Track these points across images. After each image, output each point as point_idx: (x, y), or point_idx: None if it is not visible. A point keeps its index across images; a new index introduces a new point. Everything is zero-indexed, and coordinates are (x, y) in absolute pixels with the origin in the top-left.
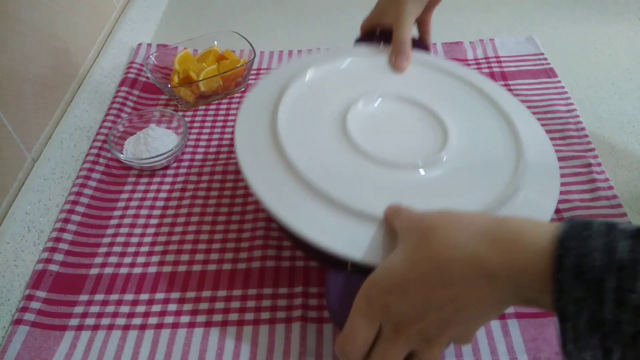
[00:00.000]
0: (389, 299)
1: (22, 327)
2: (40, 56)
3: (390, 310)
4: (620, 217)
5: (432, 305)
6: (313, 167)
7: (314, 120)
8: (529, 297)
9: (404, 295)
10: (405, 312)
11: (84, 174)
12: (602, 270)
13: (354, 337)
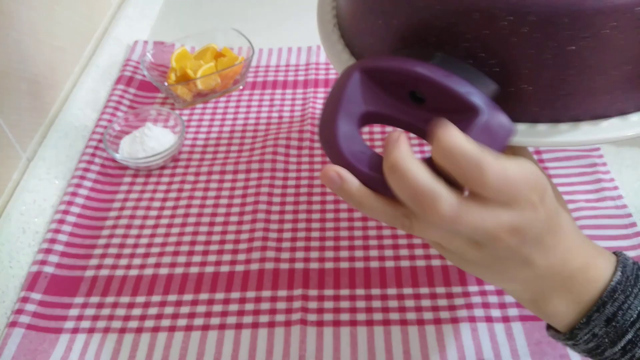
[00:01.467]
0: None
1: (17, 329)
2: (36, 54)
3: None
4: (626, 218)
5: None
6: None
7: None
8: (549, 299)
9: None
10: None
11: (79, 174)
12: (629, 326)
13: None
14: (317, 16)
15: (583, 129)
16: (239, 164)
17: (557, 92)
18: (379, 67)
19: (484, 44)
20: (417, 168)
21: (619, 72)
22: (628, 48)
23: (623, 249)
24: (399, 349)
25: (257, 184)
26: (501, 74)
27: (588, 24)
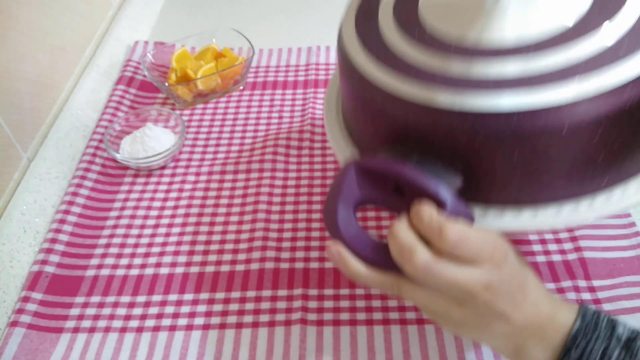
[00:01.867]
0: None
1: (18, 329)
2: (36, 54)
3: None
4: (625, 218)
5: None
6: None
7: None
8: (527, 348)
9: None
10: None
11: (80, 174)
12: None
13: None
14: (324, 106)
15: (524, 217)
16: (239, 164)
17: (508, 186)
18: (370, 166)
19: (448, 150)
20: (404, 231)
21: (556, 171)
22: (564, 155)
23: (622, 249)
24: (399, 349)
25: (257, 183)
26: (464, 172)
27: (525, 141)
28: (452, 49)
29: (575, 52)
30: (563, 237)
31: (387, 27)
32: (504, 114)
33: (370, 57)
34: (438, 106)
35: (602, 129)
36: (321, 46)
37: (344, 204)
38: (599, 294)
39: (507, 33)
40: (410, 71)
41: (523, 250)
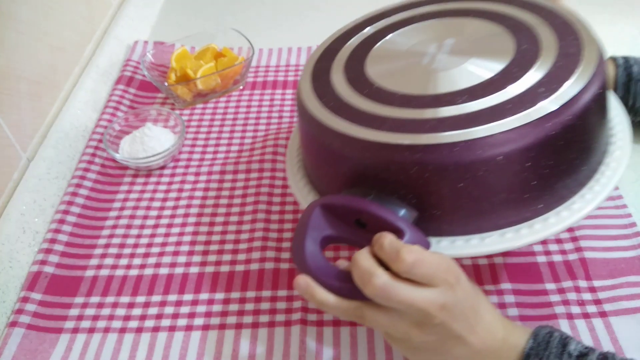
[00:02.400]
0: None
1: (17, 329)
2: (36, 54)
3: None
4: (626, 218)
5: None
6: None
7: None
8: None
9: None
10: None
11: (80, 174)
12: None
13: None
14: (286, 160)
15: (472, 243)
16: (239, 163)
17: (457, 215)
18: (333, 203)
19: (402, 184)
20: (365, 257)
21: (497, 198)
22: (499, 183)
23: (623, 250)
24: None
25: (257, 183)
26: (418, 204)
27: (467, 170)
28: (395, 99)
29: (496, 97)
30: (564, 237)
31: (339, 83)
32: (442, 146)
33: (326, 108)
34: (387, 143)
35: (527, 158)
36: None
37: (311, 240)
38: (600, 294)
39: (439, 85)
40: (362, 117)
41: (523, 250)
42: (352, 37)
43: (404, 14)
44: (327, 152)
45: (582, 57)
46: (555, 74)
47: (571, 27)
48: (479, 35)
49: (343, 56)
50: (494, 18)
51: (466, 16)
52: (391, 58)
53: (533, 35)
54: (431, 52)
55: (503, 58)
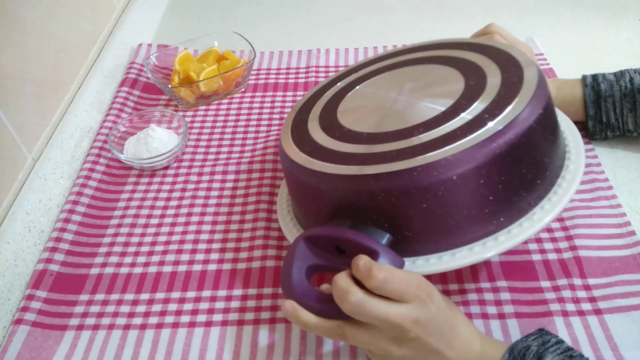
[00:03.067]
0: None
1: (22, 326)
2: (41, 56)
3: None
4: (620, 217)
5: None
6: None
7: None
8: None
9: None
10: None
11: (85, 174)
12: None
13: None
14: (277, 204)
15: (444, 259)
16: (241, 164)
17: (427, 235)
18: (314, 234)
19: (373, 211)
20: (343, 278)
21: (460, 215)
22: (459, 201)
23: (617, 248)
24: None
25: (258, 183)
26: (390, 227)
27: (427, 191)
28: (362, 138)
29: (447, 126)
30: (559, 236)
31: (314, 130)
32: (403, 172)
33: (303, 153)
34: (355, 175)
35: (479, 176)
36: (321, 49)
37: (297, 270)
38: (594, 292)
39: (399, 122)
40: (334, 157)
41: (518, 249)
42: (326, 92)
43: (370, 67)
44: (307, 190)
45: (522, 84)
46: (499, 101)
47: (513, 59)
48: (433, 77)
49: (318, 108)
50: (447, 62)
51: (423, 63)
52: (359, 105)
53: (480, 72)
54: (392, 96)
55: (454, 94)
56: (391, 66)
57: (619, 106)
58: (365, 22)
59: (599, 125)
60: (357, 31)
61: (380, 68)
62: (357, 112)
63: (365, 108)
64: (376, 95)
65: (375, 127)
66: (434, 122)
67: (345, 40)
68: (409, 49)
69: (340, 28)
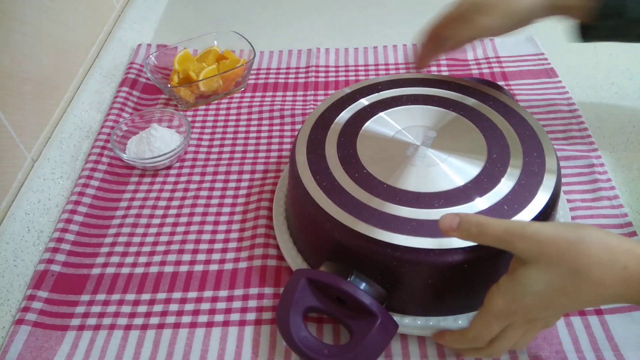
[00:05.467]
0: (528, 309)
1: (23, 327)
2: (40, 56)
3: (526, 316)
4: (622, 218)
5: (561, 310)
6: None
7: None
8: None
9: (544, 308)
10: (540, 315)
11: (87, 174)
12: None
13: (487, 333)
14: (273, 206)
15: (429, 324)
16: (244, 164)
17: (422, 301)
18: (318, 279)
19: (380, 271)
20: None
21: (457, 292)
22: (461, 282)
23: None
24: (397, 344)
25: (261, 183)
26: (391, 288)
27: (437, 271)
28: (382, 191)
29: (466, 207)
30: None
31: (332, 160)
32: (420, 250)
33: (321, 189)
34: (373, 237)
35: (486, 266)
36: (321, 48)
37: (295, 311)
38: None
39: (419, 183)
40: (351, 204)
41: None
42: (346, 107)
43: (394, 91)
44: (314, 226)
45: (542, 178)
46: (517, 194)
47: (536, 139)
48: (457, 133)
49: (336, 128)
50: (474, 117)
51: (449, 108)
52: (380, 142)
53: (504, 146)
54: (415, 143)
55: (475, 164)
56: (417, 98)
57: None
58: (366, 22)
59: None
60: (357, 31)
61: (405, 97)
62: (378, 152)
63: (386, 149)
64: (398, 135)
65: (395, 180)
66: (454, 197)
67: (346, 40)
68: (440, 80)
69: (340, 28)
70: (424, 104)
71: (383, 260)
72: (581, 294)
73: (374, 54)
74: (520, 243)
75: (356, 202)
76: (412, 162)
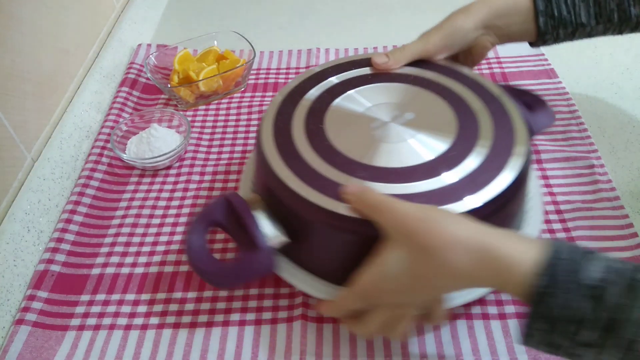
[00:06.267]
0: (385, 295)
1: (23, 327)
2: (40, 56)
3: (385, 300)
4: (623, 219)
5: (422, 297)
6: None
7: None
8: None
9: (401, 293)
10: (400, 301)
11: (87, 174)
12: (563, 320)
13: (344, 306)
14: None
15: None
16: (243, 164)
17: (314, 260)
18: (232, 201)
19: (290, 220)
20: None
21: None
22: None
23: (619, 250)
24: (397, 343)
25: None
26: (291, 236)
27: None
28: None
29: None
30: (560, 237)
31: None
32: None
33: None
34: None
35: None
36: (321, 48)
37: (203, 218)
38: None
39: (382, 158)
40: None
41: None
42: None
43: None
44: (270, 192)
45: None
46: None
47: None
48: (428, 110)
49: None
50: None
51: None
52: (348, 117)
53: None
54: (384, 119)
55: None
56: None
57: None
58: (366, 22)
59: (550, 21)
60: (357, 30)
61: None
62: (346, 129)
63: (354, 124)
64: (367, 112)
65: (358, 153)
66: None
67: (346, 40)
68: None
69: (340, 27)
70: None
71: (297, 213)
72: (434, 275)
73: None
74: (387, 215)
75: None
76: (380, 139)
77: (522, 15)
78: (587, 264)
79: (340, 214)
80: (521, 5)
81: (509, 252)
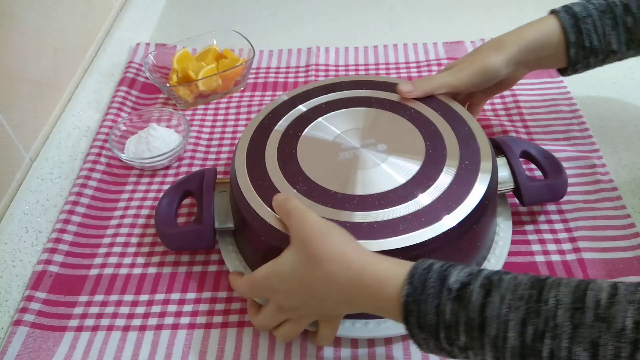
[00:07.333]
0: (276, 294)
1: (21, 328)
2: (39, 55)
3: (276, 299)
4: (625, 219)
5: (307, 307)
6: None
7: None
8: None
9: (289, 295)
10: (287, 304)
11: (85, 174)
12: (435, 327)
13: (240, 288)
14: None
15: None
16: None
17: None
18: (205, 177)
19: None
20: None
21: None
22: None
23: (621, 250)
24: (399, 344)
25: None
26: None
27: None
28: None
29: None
30: (562, 237)
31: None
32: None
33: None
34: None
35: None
36: (321, 47)
37: (180, 186)
38: None
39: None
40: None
41: (522, 250)
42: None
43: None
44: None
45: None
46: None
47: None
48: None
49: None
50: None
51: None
52: (319, 147)
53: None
54: (354, 146)
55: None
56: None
57: (600, 25)
58: (366, 20)
59: (581, 51)
60: (357, 29)
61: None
62: (318, 158)
63: (327, 156)
64: (337, 139)
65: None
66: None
67: (346, 39)
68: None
69: (340, 26)
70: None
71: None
72: (318, 283)
73: (374, 53)
74: (295, 221)
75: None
76: (350, 165)
77: (553, 47)
78: (452, 270)
79: (269, 223)
80: (553, 38)
81: (381, 274)
